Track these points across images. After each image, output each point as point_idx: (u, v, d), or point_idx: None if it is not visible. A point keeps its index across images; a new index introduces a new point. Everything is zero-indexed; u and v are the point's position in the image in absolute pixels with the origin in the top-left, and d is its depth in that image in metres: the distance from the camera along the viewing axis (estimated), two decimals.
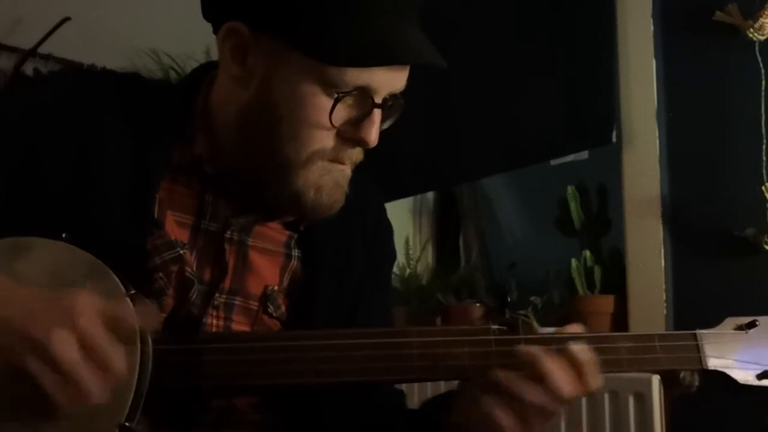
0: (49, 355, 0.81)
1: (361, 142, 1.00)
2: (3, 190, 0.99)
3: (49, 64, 2.65)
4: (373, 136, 1.00)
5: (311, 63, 0.95)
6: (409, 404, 1.23)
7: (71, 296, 0.85)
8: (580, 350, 0.93)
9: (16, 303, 0.84)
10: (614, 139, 2.11)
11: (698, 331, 1.00)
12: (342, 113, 0.98)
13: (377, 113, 0.99)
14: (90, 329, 0.83)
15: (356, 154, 1.03)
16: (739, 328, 1.01)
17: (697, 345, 0.99)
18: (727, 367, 0.99)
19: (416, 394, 2.31)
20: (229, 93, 1.03)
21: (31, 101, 1.06)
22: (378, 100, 0.99)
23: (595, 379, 0.94)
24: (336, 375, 0.96)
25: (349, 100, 0.98)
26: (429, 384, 2.32)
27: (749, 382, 0.99)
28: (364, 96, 0.98)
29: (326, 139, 0.99)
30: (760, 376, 0.99)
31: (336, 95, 0.96)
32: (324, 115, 0.96)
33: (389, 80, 0.98)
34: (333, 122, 0.97)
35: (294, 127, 0.98)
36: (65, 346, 0.81)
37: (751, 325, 1.01)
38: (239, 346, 0.97)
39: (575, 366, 0.93)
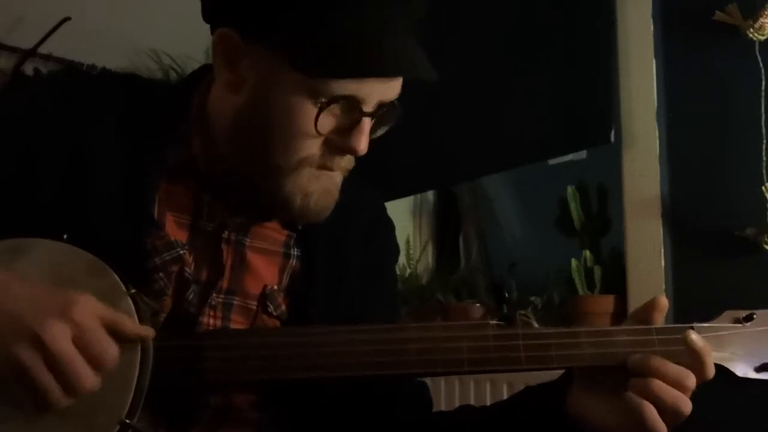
0: (40, 343, 0.82)
1: (349, 151, 1.00)
2: (1, 191, 0.99)
3: (49, 64, 2.65)
4: (362, 144, 0.99)
5: (297, 73, 0.95)
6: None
7: (71, 292, 0.86)
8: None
9: (14, 291, 0.86)
10: (613, 139, 2.11)
11: (696, 324, 0.99)
12: (329, 121, 0.97)
13: (366, 122, 0.99)
14: (84, 321, 0.84)
15: (346, 161, 1.02)
16: (737, 321, 1.01)
17: None
18: (725, 360, 0.98)
19: None
20: (223, 96, 1.03)
21: (28, 103, 1.06)
22: (368, 108, 0.98)
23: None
24: (334, 370, 0.96)
25: (336, 108, 0.97)
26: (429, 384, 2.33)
27: (748, 375, 0.99)
28: (351, 105, 0.97)
29: (313, 147, 0.99)
30: (758, 369, 0.99)
31: (320, 104, 0.96)
32: (310, 123, 0.96)
33: (378, 90, 0.97)
34: (319, 130, 0.97)
35: (282, 134, 0.98)
36: (58, 335, 0.83)
37: (749, 318, 1.00)
38: (239, 341, 0.97)
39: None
